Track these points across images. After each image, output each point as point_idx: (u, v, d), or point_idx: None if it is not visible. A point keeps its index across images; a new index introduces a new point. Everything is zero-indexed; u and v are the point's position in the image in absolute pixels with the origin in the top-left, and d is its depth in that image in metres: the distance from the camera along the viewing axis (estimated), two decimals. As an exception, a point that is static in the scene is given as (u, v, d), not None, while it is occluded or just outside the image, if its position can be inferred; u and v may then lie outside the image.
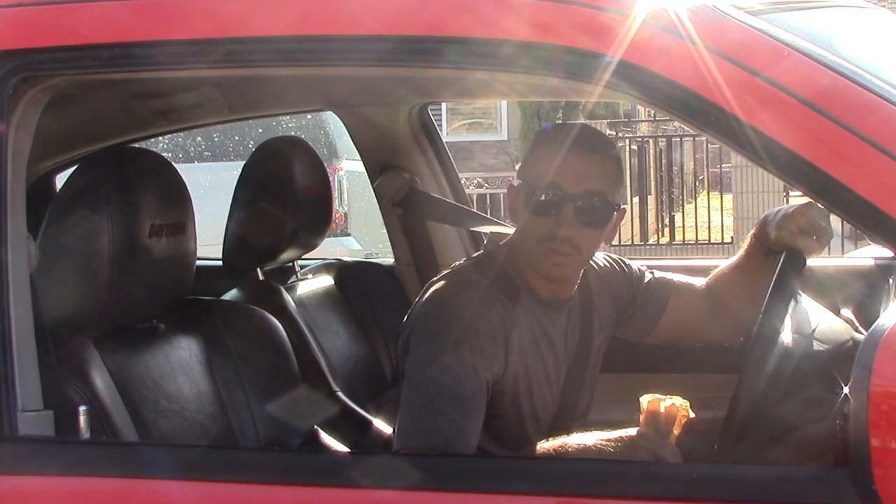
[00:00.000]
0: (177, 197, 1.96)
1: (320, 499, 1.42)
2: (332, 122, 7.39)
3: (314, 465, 1.48)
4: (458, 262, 2.16)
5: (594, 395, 2.25)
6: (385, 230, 3.12)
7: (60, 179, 2.74)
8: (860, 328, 2.00)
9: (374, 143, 2.96)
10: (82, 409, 1.53)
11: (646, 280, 2.28)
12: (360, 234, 7.75)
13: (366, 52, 1.51)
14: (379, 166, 2.95)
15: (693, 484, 1.33)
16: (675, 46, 1.41)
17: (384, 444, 2.42)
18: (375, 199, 3.04)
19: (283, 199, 2.55)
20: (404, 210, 2.96)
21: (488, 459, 1.49)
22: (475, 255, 2.20)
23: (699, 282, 2.30)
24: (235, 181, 2.60)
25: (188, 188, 2.01)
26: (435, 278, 2.08)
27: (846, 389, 1.42)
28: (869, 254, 2.97)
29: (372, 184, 2.98)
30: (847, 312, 2.15)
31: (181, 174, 2.00)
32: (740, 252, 2.21)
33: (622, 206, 2.04)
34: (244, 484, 1.44)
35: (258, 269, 2.69)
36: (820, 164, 1.34)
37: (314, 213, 2.66)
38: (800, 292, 1.86)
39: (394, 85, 2.63)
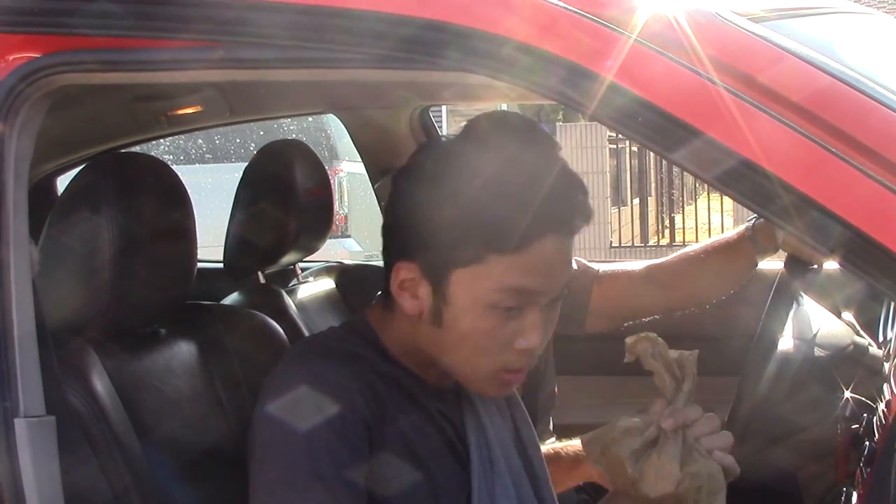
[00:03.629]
0: (177, 201, 1.96)
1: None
2: (333, 125, 7.41)
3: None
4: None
5: (591, 397, 2.26)
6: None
7: (63, 181, 2.76)
8: (861, 331, 2.00)
9: (376, 146, 2.98)
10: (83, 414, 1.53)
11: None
12: (361, 235, 7.77)
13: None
14: (380, 168, 2.97)
15: None
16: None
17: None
18: (376, 202, 3.05)
19: (285, 201, 2.55)
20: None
21: None
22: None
23: (639, 264, 2.31)
24: (237, 183, 2.61)
25: (189, 190, 2.01)
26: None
27: (847, 393, 1.42)
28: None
29: (373, 186, 2.99)
30: (848, 315, 2.16)
31: (182, 176, 2.01)
32: (726, 236, 2.20)
33: None
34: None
35: (259, 273, 2.70)
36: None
37: (315, 217, 2.67)
38: (801, 294, 1.86)
39: (395, 88, 2.64)
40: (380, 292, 1.61)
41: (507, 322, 1.46)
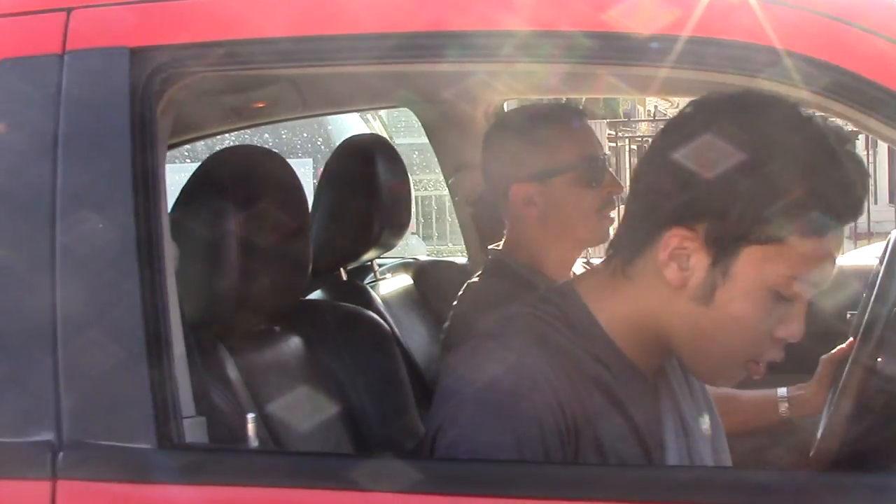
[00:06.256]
0: (297, 198, 1.91)
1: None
2: (333, 123, 7.33)
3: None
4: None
5: None
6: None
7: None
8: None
9: (451, 140, 2.92)
10: (250, 416, 1.46)
11: None
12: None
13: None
14: (454, 163, 2.92)
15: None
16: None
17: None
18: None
19: (369, 198, 2.50)
20: (476, 210, 2.92)
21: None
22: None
23: None
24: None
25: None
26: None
27: None
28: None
29: (446, 181, 2.95)
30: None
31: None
32: None
33: None
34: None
35: (341, 269, 2.64)
36: None
37: (397, 213, 2.62)
38: None
39: (479, 80, 2.59)
40: (606, 258, 1.46)
41: (775, 308, 1.35)
